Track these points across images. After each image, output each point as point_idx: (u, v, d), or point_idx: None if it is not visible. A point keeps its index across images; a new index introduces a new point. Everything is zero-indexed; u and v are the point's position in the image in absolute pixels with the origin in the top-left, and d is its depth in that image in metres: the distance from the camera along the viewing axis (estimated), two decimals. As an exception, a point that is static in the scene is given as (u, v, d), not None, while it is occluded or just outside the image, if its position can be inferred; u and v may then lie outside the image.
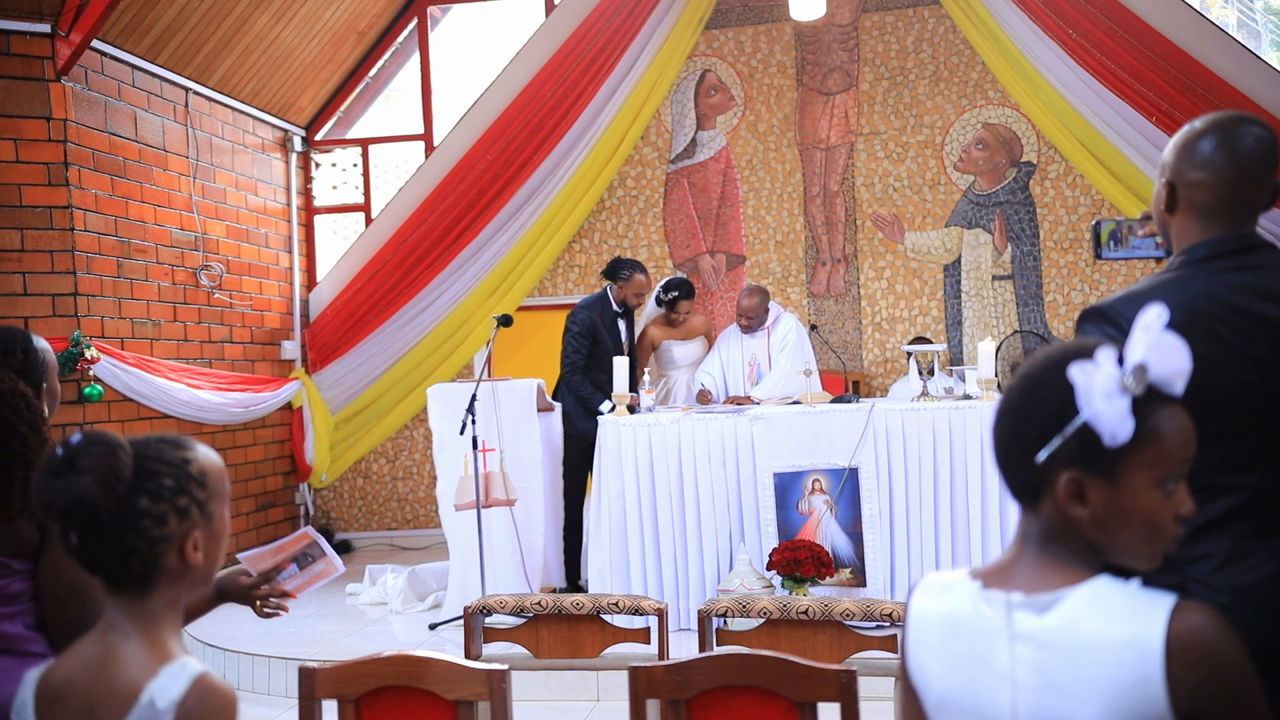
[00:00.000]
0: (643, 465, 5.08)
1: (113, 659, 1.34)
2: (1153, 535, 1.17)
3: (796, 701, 2.05)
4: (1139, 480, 1.15)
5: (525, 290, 7.57)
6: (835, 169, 7.50)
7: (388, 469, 8.01)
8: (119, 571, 1.34)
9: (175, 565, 1.35)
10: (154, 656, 1.34)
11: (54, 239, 5.55)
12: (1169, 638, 1.11)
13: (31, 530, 1.98)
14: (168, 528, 1.33)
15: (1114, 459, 1.15)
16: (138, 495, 1.33)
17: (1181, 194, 1.79)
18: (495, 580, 5.22)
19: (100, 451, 1.32)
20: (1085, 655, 1.14)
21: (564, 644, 2.90)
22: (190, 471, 1.36)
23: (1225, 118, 1.77)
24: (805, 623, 2.70)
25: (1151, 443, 1.15)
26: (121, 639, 1.35)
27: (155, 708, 1.30)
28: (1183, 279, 1.74)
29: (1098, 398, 1.14)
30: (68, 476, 1.31)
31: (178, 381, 6.15)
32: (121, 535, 1.32)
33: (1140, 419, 1.14)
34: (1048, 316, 7.25)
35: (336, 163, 8.16)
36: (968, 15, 7.06)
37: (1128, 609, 1.14)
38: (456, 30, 8.33)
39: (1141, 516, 1.16)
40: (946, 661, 1.25)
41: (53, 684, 1.37)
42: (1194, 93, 6.55)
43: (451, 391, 5.43)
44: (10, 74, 5.45)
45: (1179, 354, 1.15)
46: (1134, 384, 1.13)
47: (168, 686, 1.31)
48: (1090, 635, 1.14)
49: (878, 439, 4.95)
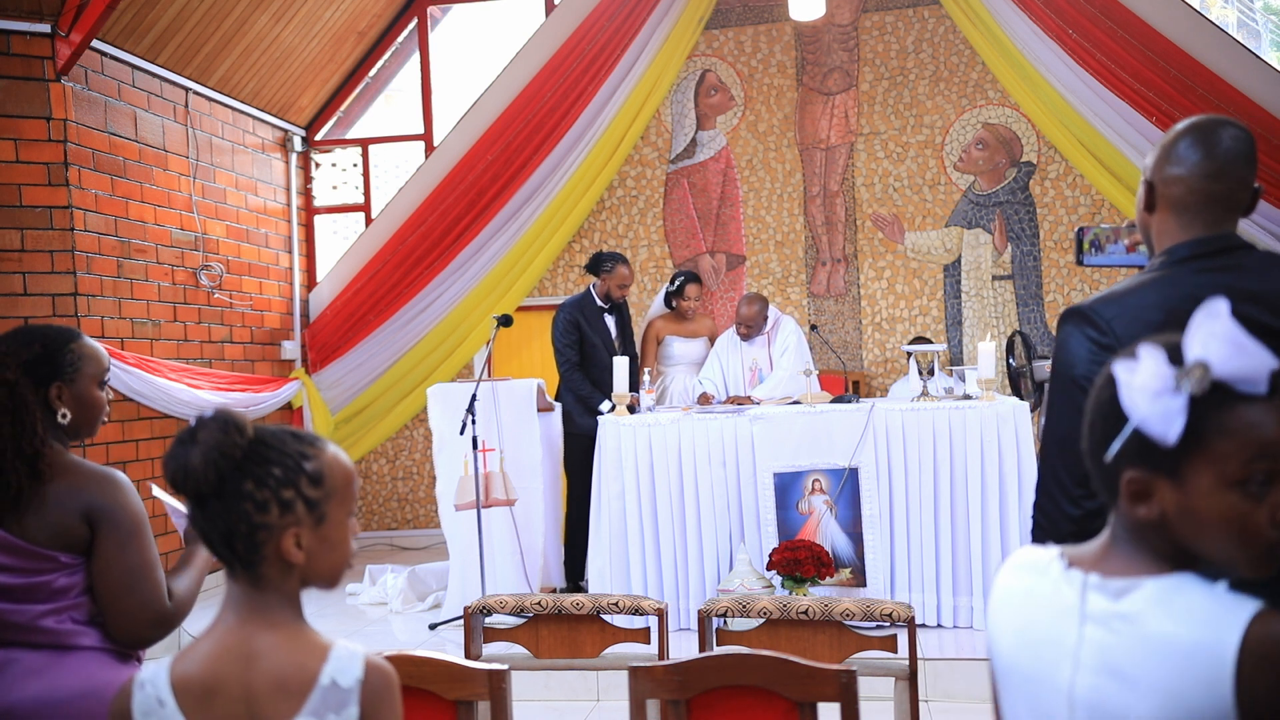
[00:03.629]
0: (643, 465, 5.07)
1: (263, 650, 1.35)
2: (1239, 540, 1.11)
3: (796, 701, 2.05)
4: (1206, 481, 1.11)
5: (525, 290, 7.57)
6: (835, 169, 7.50)
7: (388, 469, 8.01)
8: (223, 551, 1.35)
9: (277, 558, 1.35)
10: (310, 642, 1.37)
11: (54, 239, 5.55)
12: (1244, 644, 1.07)
13: (80, 524, 2.00)
14: (268, 516, 1.33)
15: (1179, 459, 1.11)
16: (244, 478, 1.34)
17: (1159, 191, 1.80)
18: (495, 580, 5.22)
19: (217, 427, 1.34)
20: (1152, 648, 1.12)
21: (564, 644, 2.89)
22: (304, 466, 1.36)
23: (1204, 119, 1.79)
24: (805, 623, 2.70)
25: (1214, 442, 1.10)
26: (260, 630, 1.36)
27: (339, 688, 1.34)
28: (1164, 279, 1.74)
29: (1141, 397, 1.10)
30: (186, 445, 1.33)
31: (178, 381, 6.15)
32: (224, 514, 1.33)
33: (1202, 417, 1.09)
34: (1047, 316, 7.25)
35: (336, 163, 8.16)
36: (968, 15, 7.06)
37: (1205, 610, 1.11)
38: (456, 30, 8.33)
39: (1216, 519, 1.11)
40: (1018, 632, 1.26)
41: (194, 679, 1.36)
42: (1194, 93, 6.55)
43: (451, 391, 5.43)
44: (10, 74, 5.44)
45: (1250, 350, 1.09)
46: (1191, 382, 1.08)
47: (347, 667, 1.35)
48: (1160, 630, 1.12)
49: (878, 439, 4.95)
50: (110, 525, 2.01)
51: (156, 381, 5.96)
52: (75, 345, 2.14)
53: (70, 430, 2.12)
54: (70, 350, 2.13)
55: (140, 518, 2.05)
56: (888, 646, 2.61)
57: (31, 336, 2.12)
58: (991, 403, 4.92)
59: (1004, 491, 4.82)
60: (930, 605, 4.89)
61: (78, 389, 2.12)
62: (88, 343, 2.17)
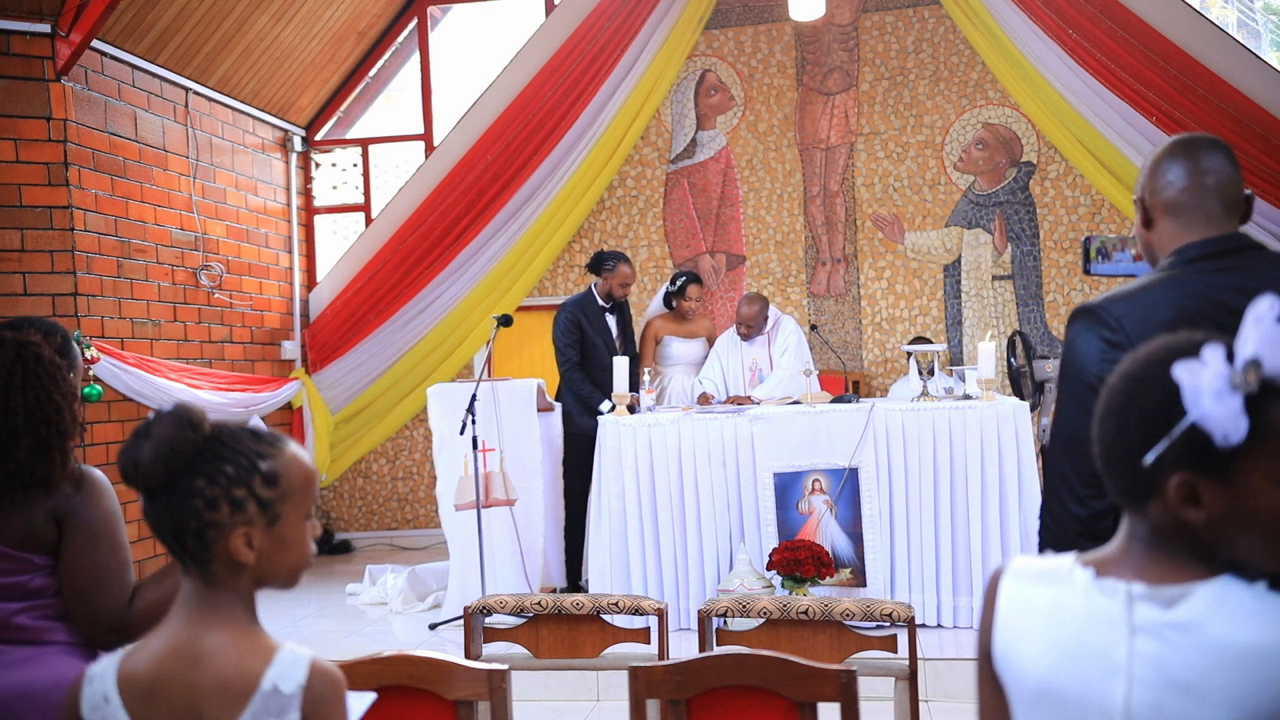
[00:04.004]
0: (643, 465, 5.07)
1: (208, 650, 1.33)
2: None
3: (796, 701, 2.05)
4: (1257, 480, 1.09)
5: (525, 290, 7.57)
6: (835, 169, 7.50)
7: (388, 469, 8.01)
8: (174, 547, 1.35)
9: (228, 557, 1.34)
10: (255, 644, 1.35)
11: (54, 239, 5.55)
12: None
13: (49, 525, 2.00)
14: (218, 514, 1.32)
15: (1228, 459, 1.10)
16: (195, 475, 1.33)
17: (1153, 204, 1.82)
18: (495, 580, 5.22)
19: (170, 422, 1.33)
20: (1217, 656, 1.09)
21: (564, 644, 2.89)
22: (259, 466, 1.34)
23: (1181, 136, 1.86)
24: (805, 623, 2.70)
25: (1268, 440, 1.09)
26: (207, 630, 1.34)
27: (281, 694, 1.31)
28: (1174, 279, 1.75)
29: (1207, 398, 1.08)
30: (139, 439, 1.33)
31: (178, 381, 6.15)
32: (173, 510, 1.33)
33: (1255, 416, 1.08)
34: (1048, 316, 7.25)
35: (336, 163, 8.16)
36: (968, 15, 7.06)
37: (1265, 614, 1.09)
38: (456, 30, 8.33)
39: (1266, 517, 1.10)
40: (1049, 650, 1.20)
41: (140, 677, 1.35)
42: (1194, 93, 6.55)
43: (451, 391, 5.43)
44: (10, 74, 5.45)
45: None
46: (1246, 380, 1.07)
47: (289, 672, 1.32)
48: (1225, 637, 1.09)
49: (878, 439, 4.95)
50: (76, 526, 2.00)
51: (156, 381, 5.96)
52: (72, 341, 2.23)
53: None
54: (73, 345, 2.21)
55: (109, 520, 2.03)
56: (888, 646, 2.61)
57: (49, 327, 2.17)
58: (991, 403, 4.92)
59: (1004, 491, 4.82)
60: (930, 605, 4.89)
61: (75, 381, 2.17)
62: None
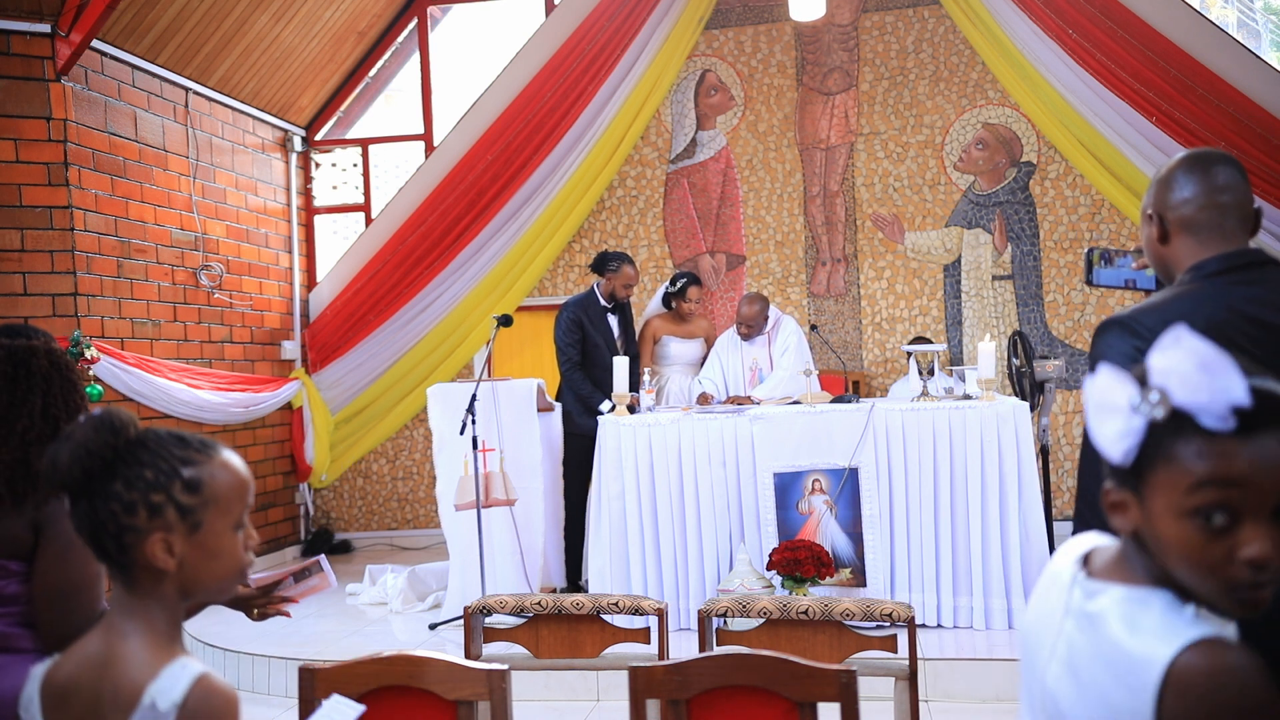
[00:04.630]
0: (643, 465, 5.07)
1: (114, 658, 1.33)
2: (1196, 571, 1.08)
3: (796, 701, 2.05)
4: (1159, 505, 1.09)
5: (525, 290, 7.57)
6: (835, 169, 7.50)
7: (388, 469, 8.01)
8: (96, 551, 1.34)
9: (148, 563, 1.33)
10: (154, 657, 1.33)
11: (54, 239, 5.55)
12: (1171, 668, 1.04)
13: (25, 530, 1.98)
14: (135, 519, 1.31)
15: (1136, 477, 1.10)
16: (114, 479, 1.32)
17: (1170, 219, 1.83)
18: (495, 580, 5.22)
19: (92, 426, 1.32)
20: (1100, 653, 1.12)
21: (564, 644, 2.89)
22: (180, 472, 1.33)
23: (1192, 151, 1.88)
24: (805, 623, 2.70)
25: (1163, 468, 1.07)
26: (121, 638, 1.34)
27: (157, 710, 1.29)
28: (1198, 292, 1.76)
29: (1096, 414, 1.11)
30: (61, 441, 1.33)
31: (178, 381, 6.15)
32: (93, 512, 1.32)
33: (1157, 440, 1.07)
34: (1048, 316, 7.25)
35: (336, 163, 8.16)
36: (968, 15, 7.06)
37: (1153, 625, 1.09)
38: (456, 30, 8.33)
39: (1170, 546, 1.09)
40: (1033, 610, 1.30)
41: (57, 681, 1.36)
42: (1194, 93, 6.55)
43: (451, 391, 5.43)
44: (10, 74, 5.45)
45: (1218, 385, 1.04)
46: (1149, 407, 1.06)
47: (169, 688, 1.30)
48: (1111, 636, 1.12)
49: (878, 439, 4.95)
50: (52, 535, 1.98)
51: (156, 381, 5.96)
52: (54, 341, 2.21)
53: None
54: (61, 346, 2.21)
55: None
56: (888, 646, 2.61)
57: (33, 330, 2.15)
58: (991, 403, 4.92)
59: (1004, 491, 4.82)
60: (930, 605, 4.89)
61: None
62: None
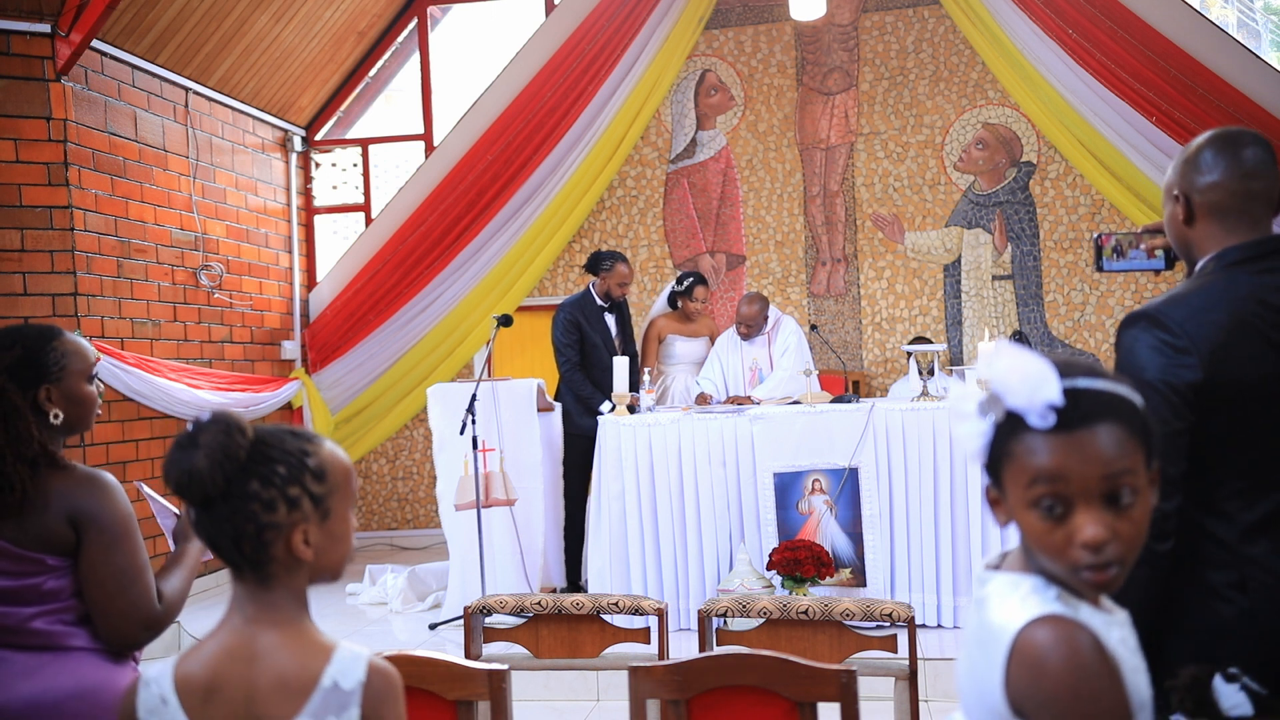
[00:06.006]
0: (643, 465, 5.07)
1: (268, 649, 1.35)
2: (1048, 555, 1.18)
3: (796, 701, 2.05)
4: (1013, 499, 1.20)
5: (525, 290, 7.57)
6: (835, 169, 7.50)
7: (388, 469, 8.01)
8: (232, 553, 1.35)
9: (286, 557, 1.35)
10: (316, 644, 1.37)
11: (54, 239, 5.55)
12: (1015, 642, 1.15)
13: (66, 528, 1.97)
14: (276, 515, 1.34)
15: (995, 475, 1.22)
16: (249, 478, 1.33)
17: (1197, 202, 1.81)
18: (495, 580, 5.22)
19: (219, 429, 1.33)
20: (975, 633, 1.23)
21: (564, 644, 2.89)
22: (307, 463, 1.37)
23: (1220, 131, 1.84)
24: (805, 623, 2.70)
25: (1008, 465, 1.19)
26: (265, 631, 1.36)
27: (341, 690, 1.33)
28: (1220, 282, 1.76)
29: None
30: (187, 450, 1.33)
31: (178, 381, 6.15)
32: (231, 516, 1.33)
33: (1002, 441, 1.19)
34: (1048, 316, 7.25)
35: (336, 163, 8.16)
36: (968, 15, 7.06)
37: (1014, 606, 1.19)
38: (456, 30, 8.33)
39: (1026, 535, 1.20)
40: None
41: (197, 678, 1.36)
42: (1194, 93, 6.55)
43: (451, 391, 5.43)
44: (10, 74, 5.44)
45: (1035, 387, 1.15)
46: (989, 409, 1.19)
47: (349, 669, 1.34)
48: (984, 618, 1.22)
49: (878, 439, 4.95)
50: (96, 529, 1.99)
51: (156, 381, 5.96)
52: (57, 343, 2.09)
53: (64, 429, 2.09)
54: (53, 349, 2.08)
55: (127, 520, 2.02)
56: (888, 646, 2.61)
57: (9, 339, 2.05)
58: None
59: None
60: (930, 605, 4.89)
61: (66, 387, 2.08)
62: (70, 339, 2.12)
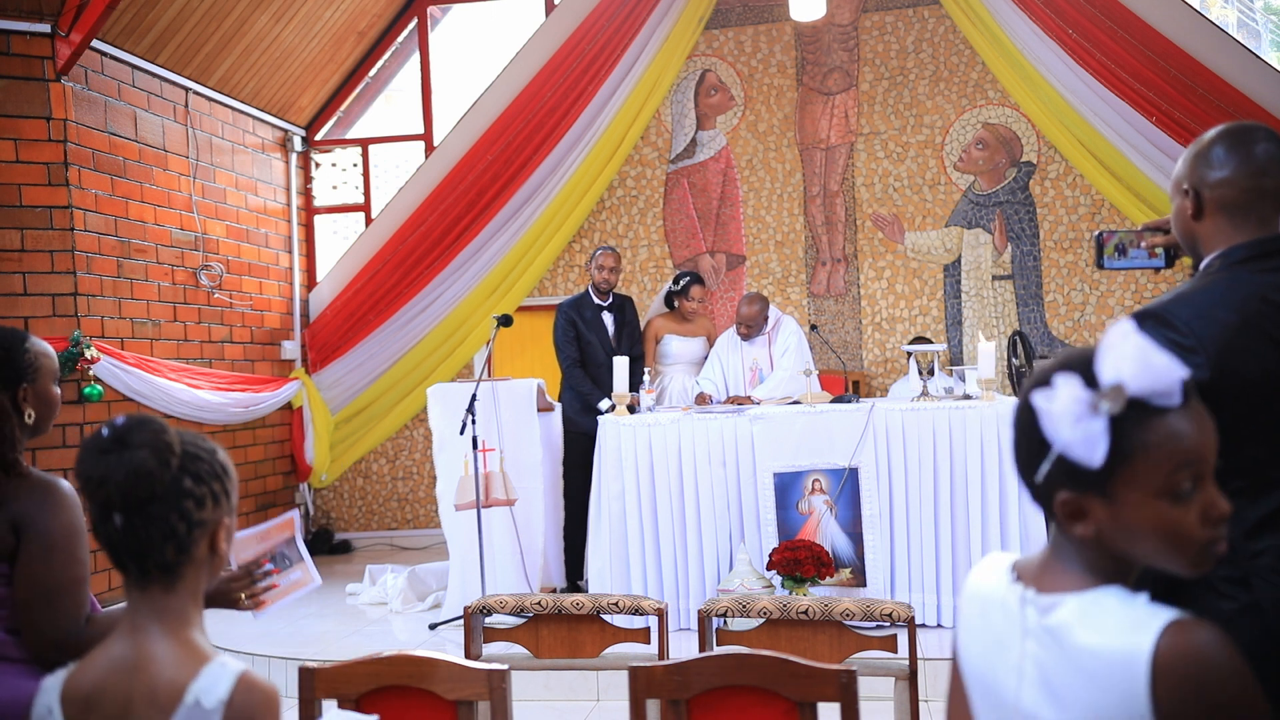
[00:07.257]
0: (643, 465, 5.07)
1: (146, 660, 1.32)
2: (1174, 544, 1.14)
3: (796, 701, 2.05)
4: (1135, 496, 1.13)
5: (525, 290, 7.57)
6: (835, 169, 7.50)
7: (388, 469, 8.01)
8: (154, 557, 1.33)
9: (203, 555, 1.36)
10: (190, 656, 1.33)
11: (54, 239, 5.55)
12: (1156, 656, 1.08)
13: (8, 533, 1.94)
14: (205, 511, 1.35)
15: (1103, 478, 1.14)
16: (184, 475, 1.34)
17: (1207, 197, 1.81)
18: (495, 580, 5.22)
19: (153, 429, 1.35)
20: (1074, 663, 1.14)
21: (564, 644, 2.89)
22: (220, 460, 1.39)
23: (1233, 125, 1.83)
24: (805, 623, 2.70)
25: (1138, 458, 1.12)
26: (151, 639, 1.33)
27: (202, 708, 1.29)
28: (1225, 280, 1.75)
29: (1062, 425, 1.13)
30: (121, 452, 1.32)
31: (178, 381, 6.15)
32: (166, 515, 1.32)
33: (1122, 436, 1.12)
34: (1048, 316, 7.25)
35: (336, 163, 8.16)
36: (968, 15, 7.06)
37: (1121, 623, 1.12)
38: (456, 30, 8.33)
39: (1150, 529, 1.14)
40: (978, 640, 1.29)
41: (81, 689, 1.34)
42: (1194, 93, 6.54)
43: (451, 391, 5.43)
44: (10, 74, 5.44)
45: (1159, 364, 1.11)
46: (1109, 404, 1.11)
47: (212, 686, 1.30)
48: (1081, 643, 1.14)
49: (878, 439, 4.95)
50: (33, 535, 1.93)
51: (156, 381, 5.96)
52: (29, 345, 2.09)
53: (32, 430, 2.08)
54: (28, 350, 2.08)
55: (70, 531, 1.96)
56: (888, 646, 2.61)
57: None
58: (991, 403, 4.92)
59: (1004, 491, 4.82)
60: (930, 605, 4.89)
61: (39, 388, 2.08)
62: (38, 341, 2.12)
